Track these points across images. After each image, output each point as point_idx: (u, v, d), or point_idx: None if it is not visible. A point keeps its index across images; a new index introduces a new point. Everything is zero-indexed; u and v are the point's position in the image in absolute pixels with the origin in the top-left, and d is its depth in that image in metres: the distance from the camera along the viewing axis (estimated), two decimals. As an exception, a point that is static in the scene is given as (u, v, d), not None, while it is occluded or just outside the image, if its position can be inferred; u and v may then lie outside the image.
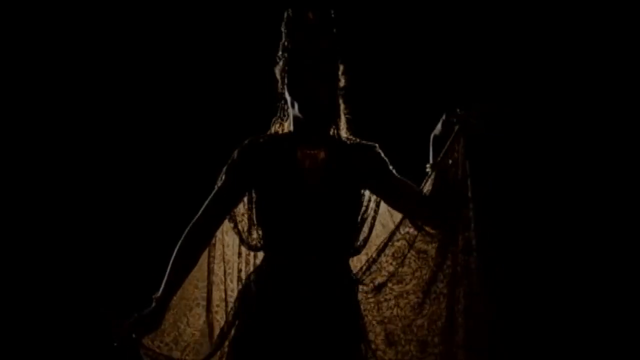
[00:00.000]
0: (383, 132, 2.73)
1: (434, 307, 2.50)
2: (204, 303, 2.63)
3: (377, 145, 2.60)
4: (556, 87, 3.80)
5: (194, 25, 3.88)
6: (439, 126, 2.53)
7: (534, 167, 3.74)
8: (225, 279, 2.65)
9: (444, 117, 2.52)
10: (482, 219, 2.43)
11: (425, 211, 2.52)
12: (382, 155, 2.59)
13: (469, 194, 2.45)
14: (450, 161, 2.49)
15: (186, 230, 2.55)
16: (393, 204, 2.58)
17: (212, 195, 2.57)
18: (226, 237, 2.65)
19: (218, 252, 2.64)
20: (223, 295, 2.64)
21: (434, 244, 2.52)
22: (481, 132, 2.49)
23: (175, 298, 2.57)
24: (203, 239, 2.59)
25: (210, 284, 2.63)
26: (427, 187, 2.54)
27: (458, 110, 2.49)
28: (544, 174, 3.76)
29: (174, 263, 2.53)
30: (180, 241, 2.54)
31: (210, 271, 2.64)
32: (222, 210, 2.57)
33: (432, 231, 2.53)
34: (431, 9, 3.84)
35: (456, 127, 2.48)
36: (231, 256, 2.66)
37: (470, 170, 2.45)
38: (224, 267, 2.65)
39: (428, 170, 2.54)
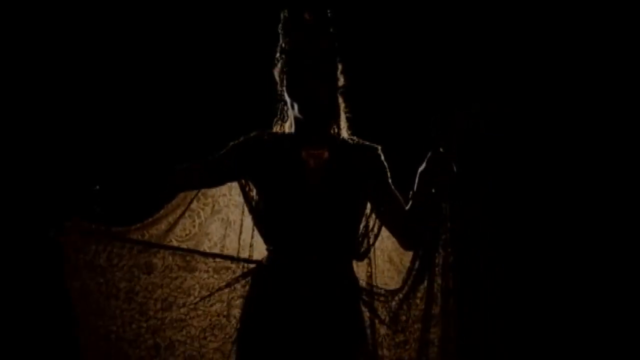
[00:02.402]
0: (383, 132, 2.72)
1: (412, 328, 2.55)
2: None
3: (379, 147, 2.60)
4: (555, 87, 3.79)
5: (190, 26, 3.87)
6: (425, 163, 2.52)
7: (529, 173, 3.74)
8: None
9: (429, 155, 2.51)
10: (459, 244, 2.50)
11: (407, 230, 2.54)
12: (382, 159, 2.59)
13: (448, 224, 2.50)
14: (433, 189, 2.51)
15: (158, 173, 2.54)
16: (380, 213, 2.58)
17: (201, 159, 2.56)
18: (210, 228, 2.66)
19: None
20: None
21: (410, 263, 2.57)
22: (480, 132, 2.50)
23: None
24: (163, 188, 2.56)
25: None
26: (409, 209, 2.55)
27: (441, 149, 2.49)
28: (538, 182, 3.76)
29: (125, 183, 2.49)
30: (147, 174, 2.54)
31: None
32: (202, 174, 2.55)
33: (408, 249, 2.58)
34: (430, 8, 3.84)
35: (441, 166, 2.49)
36: (212, 247, 2.66)
37: (450, 200, 2.50)
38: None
39: (410, 199, 2.55)
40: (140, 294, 2.57)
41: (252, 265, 2.60)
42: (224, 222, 2.67)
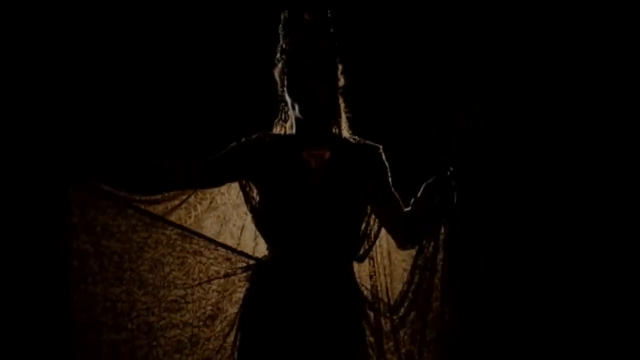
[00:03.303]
0: (383, 132, 2.73)
1: (406, 344, 2.57)
2: None
3: (381, 147, 2.60)
4: (555, 87, 3.79)
5: (190, 26, 3.87)
6: (432, 179, 2.53)
7: (529, 173, 3.74)
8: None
9: (435, 177, 2.53)
10: (459, 245, 2.56)
11: (405, 231, 2.56)
12: (383, 158, 2.59)
13: (446, 249, 2.53)
14: (437, 198, 2.52)
15: (160, 163, 2.55)
16: (379, 213, 2.58)
17: (201, 159, 2.56)
18: (205, 223, 2.66)
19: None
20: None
21: (406, 285, 2.59)
22: (480, 132, 2.50)
23: None
24: (162, 187, 2.56)
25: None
26: (408, 211, 2.56)
27: (449, 171, 2.50)
28: (538, 182, 3.76)
29: (131, 168, 2.52)
30: (150, 164, 2.54)
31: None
32: (202, 174, 2.55)
33: (404, 249, 2.60)
34: (430, 8, 3.84)
35: (444, 189, 2.51)
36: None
37: (449, 224, 2.53)
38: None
39: (411, 204, 2.56)
40: (140, 266, 2.54)
41: (252, 261, 2.60)
42: (220, 220, 2.67)
